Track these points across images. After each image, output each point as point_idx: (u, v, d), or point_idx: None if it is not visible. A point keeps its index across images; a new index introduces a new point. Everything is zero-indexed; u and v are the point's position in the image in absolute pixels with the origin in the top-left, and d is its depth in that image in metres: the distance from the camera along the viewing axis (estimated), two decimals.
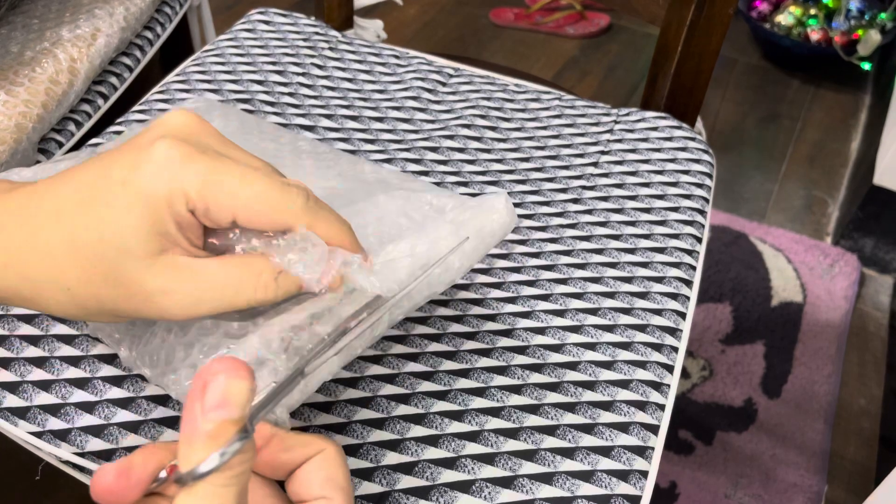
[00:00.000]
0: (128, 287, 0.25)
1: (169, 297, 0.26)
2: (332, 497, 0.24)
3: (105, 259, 0.25)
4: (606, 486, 0.36)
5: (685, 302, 0.46)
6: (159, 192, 0.25)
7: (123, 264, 0.25)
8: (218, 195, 0.25)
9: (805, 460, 0.91)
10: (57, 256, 0.25)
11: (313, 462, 0.25)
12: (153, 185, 0.25)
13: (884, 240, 1.15)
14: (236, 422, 0.20)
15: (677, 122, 0.59)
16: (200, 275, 0.26)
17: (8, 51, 0.63)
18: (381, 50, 0.65)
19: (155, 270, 0.25)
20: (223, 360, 0.20)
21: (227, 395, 0.20)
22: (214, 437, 0.20)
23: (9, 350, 0.40)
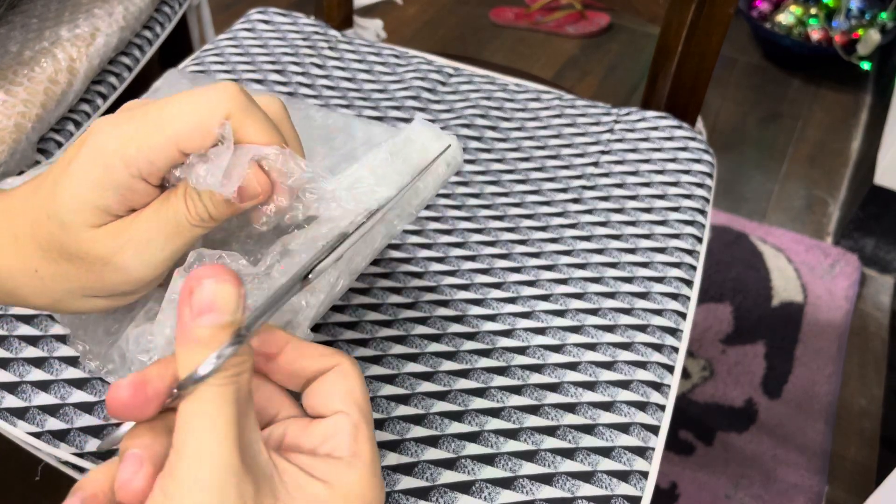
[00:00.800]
0: (84, 258, 0.26)
1: (122, 256, 0.26)
2: (351, 413, 0.24)
3: (55, 236, 0.26)
4: (607, 486, 0.36)
5: (686, 302, 0.46)
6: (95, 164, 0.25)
7: (72, 239, 0.26)
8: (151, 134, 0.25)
9: (806, 461, 0.91)
10: (21, 240, 0.27)
11: (331, 375, 0.25)
12: (89, 159, 0.25)
13: (884, 240, 1.15)
14: (228, 325, 0.20)
15: (678, 122, 0.59)
16: (136, 228, 0.26)
17: (7, 50, 0.63)
18: (380, 49, 0.65)
19: (99, 240, 0.26)
20: (207, 267, 0.20)
21: (215, 300, 0.20)
22: (207, 342, 0.20)
23: (8, 350, 0.40)
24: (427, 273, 0.46)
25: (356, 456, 0.24)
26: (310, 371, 0.25)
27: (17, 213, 0.27)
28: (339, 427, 0.24)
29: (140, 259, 0.26)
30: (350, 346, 0.41)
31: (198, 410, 0.20)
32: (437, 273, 0.46)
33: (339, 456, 0.23)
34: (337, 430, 0.24)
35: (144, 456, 0.22)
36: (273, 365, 0.25)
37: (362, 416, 0.24)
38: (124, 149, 0.25)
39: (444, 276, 0.46)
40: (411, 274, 0.46)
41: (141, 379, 0.22)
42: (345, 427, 0.24)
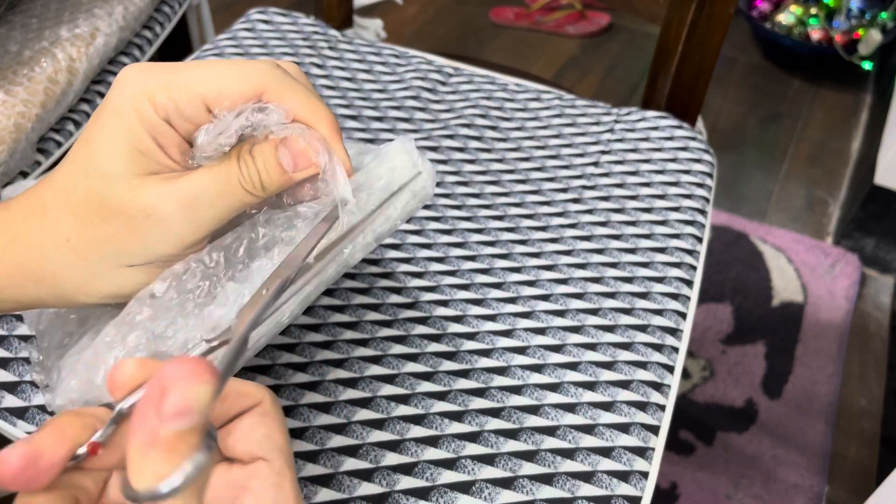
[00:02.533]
0: (123, 214, 0.25)
1: (166, 206, 0.25)
2: (273, 459, 0.23)
3: (94, 193, 0.25)
4: (607, 486, 0.36)
5: (686, 302, 0.46)
6: (126, 108, 0.25)
7: (112, 191, 0.25)
8: (181, 88, 0.25)
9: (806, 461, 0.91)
10: (51, 211, 0.26)
11: (251, 417, 0.23)
12: (119, 103, 0.25)
13: (885, 240, 1.15)
14: (198, 429, 0.17)
15: (678, 122, 0.59)
16: (189, 177, 0.26)
17: (7, 50, 0.63)
18: (380, 49, 0.65)
19: (143, 190, 0.25)
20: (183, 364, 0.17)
21: (189, 402, 0.17)
22: (175, 449, 0.17)
23: (7, 350, 0.40)
24: (427, 273, 0.46)
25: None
26: (229, 411, 0.23)
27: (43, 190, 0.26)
28: (262, 476, 0.22)
29: (184, 213, 0.25)
30: (350, 346, 0.41)
31: None
32: (437, 273, 0.46)
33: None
34: (259, 479, 0.22)
35: None
36: None
37: (285, 462, 0.23)
38: (154, 93, 0.25)
39: (444, 276, 0.46)
40: (411, 274, 0.46)
41: (33, 451, 0.19)
42: (268, 477, 0.22)
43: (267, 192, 0.27)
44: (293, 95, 0.26)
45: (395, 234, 0.48)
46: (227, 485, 0.23)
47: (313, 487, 0.35)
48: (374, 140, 0.55)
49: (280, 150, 0.26)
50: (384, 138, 0.55)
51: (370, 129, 0.56)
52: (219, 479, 0.23)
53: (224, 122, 0.26)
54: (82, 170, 0.25)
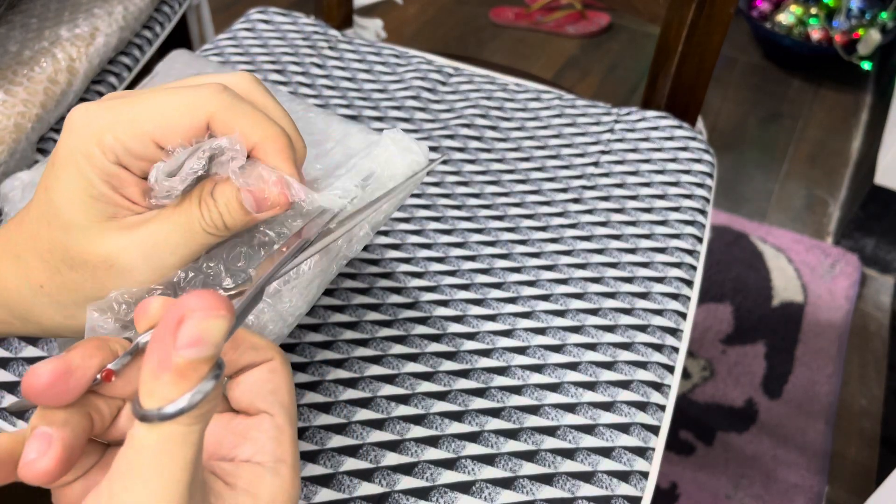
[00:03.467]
0: (86, 262, 0.25)
1: (127, 255, 0.25)
2: (275, 414, 0.23)
3: (57, 243, 0.25)
4: (607, 486, 0.36)
5: (686, 302, 0.46)
6: (76, 154, 0.24)
7: (73, 241, 0.25)
8: (126, 127, 0.24)
9: (806, 461, 0.91)
10: (23, 258, 0.26)
11: (260, 371, 0.24)
12: (70, 149, 0.24)
13: (885, 240, 1.15)
14: (208, 360, 0.18)
15: (678, 122, 0.59)
16: (150, 223, 0.25)
17: (6, 50, 0.63)
18: (380, 49, 0.65)
19: (103, 239, 0.25)
20: (201, 296, 0.18)
21: (203, 334, 0.18)
22: (185, 376, 0.18)
23: (7, 350, 0.39)
24: (427, 273, 0.46)
25: (280, 461, 0.23)
26: (240, 362, 0.24)
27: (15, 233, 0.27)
28: (263, 430, 0.23)
29: (146, 261, 0.25)
30: (350, 346, 0.41)
31: (157, 448, 0.18)
32: (437, 273, 0.46)
33: (261, 461, 0.23)
34: (260, 432, 0.23)
35: (55, 437, 0.20)
36: None
37: (287, 419, 0.23)
38: (101, 136, 0.24)
39: (444, 276, 0.46)
40: (411, 274, 0.46)
41: (64, 367, 0.20)
42: (269, 430, 0.23)
43: (231, 232, 0.27)
44: (242, 119, 0.25)
45: (396, 234, 0.48)
46: (229, 432, 0.23)
47: (313, 487, 0.35)
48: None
49: (242, 193, 0.26)
50: None
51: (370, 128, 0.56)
52: (222, 427, 0.23)
53: (175, 161, 0.25)
54: (45, 219, 0.25)
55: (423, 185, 0.52)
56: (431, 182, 0.52)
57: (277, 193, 0.26)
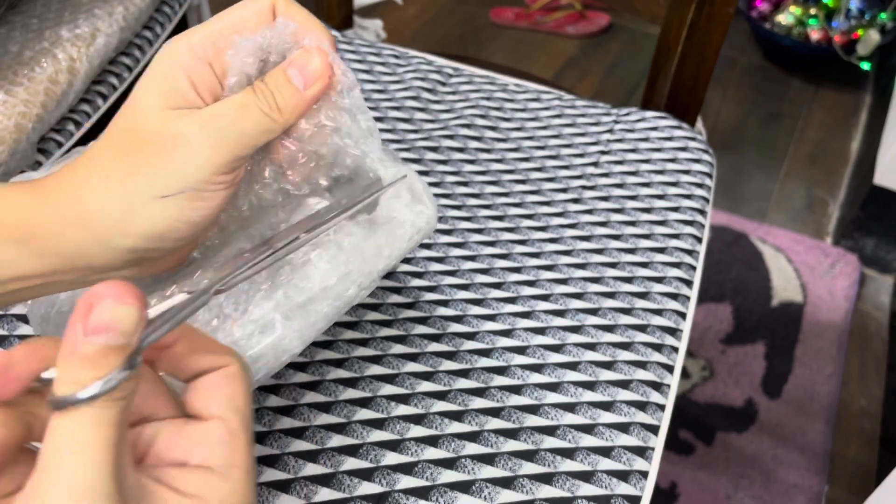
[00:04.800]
0: (153, 142, 0.27)
1: (191, 132, 0.27)
2: (228, 420, 0.23)
3: (130, 127, 0.28)
4: (606, 486, 0.36)
5: (685, 302, 0.46)
6: (164, 52, 0.28)
7: (144, 122, 0.27)
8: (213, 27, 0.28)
9: (806, 461, 0.91)
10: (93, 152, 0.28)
11: (216, 376, 0.24)
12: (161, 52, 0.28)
13: (884, 240, 1.15)
14: (121, 349, 0.19)
15: (677, 122, 0.59)
16: (212, 107, 0.28)
17: (7, 50, 0.63)
18: (380, 49, 0.65)
19: (171, 118, 0.27)
20: (111, 284, 0.19)
21: (113, 320, 0.19)
22: (95, 363, 0.18)
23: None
24: (427, 273, 0.46)
25: (232, 466, 0.22)
26: (197, 367, 0.24)
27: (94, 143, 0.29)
28: (215, 434, 0.23)
29: (207, 133, 0.27)
30: (350, 345, 0.41)
31: (73, 431, 0.18)
32: (438, 273, 0.46)
33: (212, 465, 0.22)
34: (211, 437, 0.23)
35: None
36: (162, 354, 0.24)
37: (241, 424, 0.23)
38: (189, 37, 0.28)
39: (444, 276, 0.46)
40: (411, 274, 0.46)
41: (5, 361, 0.20)
42: (221, 435, 0.23)
43: (284, 116, 0.29)
44: (298, 12, 0.30)
45: None
46: (182, 437, 0.23)
47: (313, 487, 0.35)
48: None
49: (289, 69, 0.29)
50: (385, 139, 0.55)
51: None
52: (174, 432, 0.23)
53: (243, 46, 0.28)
54: (121, 112, 0.28)
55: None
56: (431, 182, 0.52)
57: (321, 64, 0.29)
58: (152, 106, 0.27)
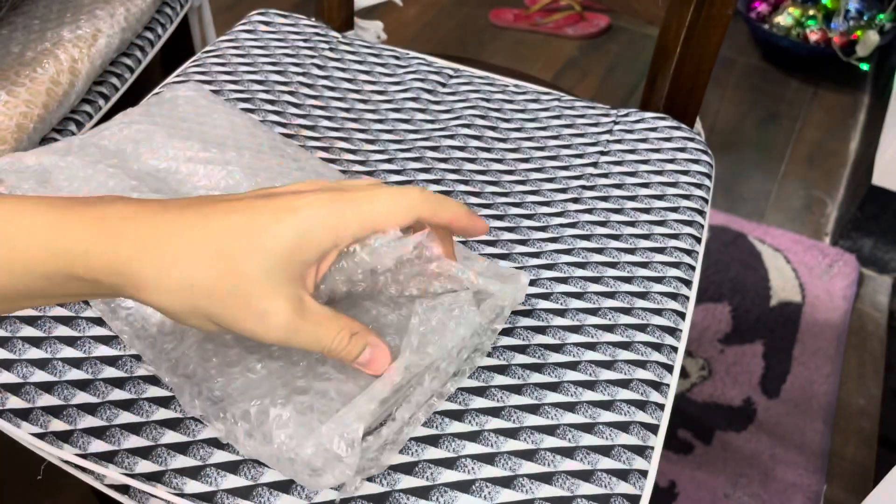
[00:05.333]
0: (248, 299, 0.29)
1: (278, 319, 0.29)
2: None
3: (243, 271, 0.29)
4: (606, 485, 0.36)
5: (684, 302, 0.46)
6: (314, 226, 0.29)
7: (261, 280, 0.29)
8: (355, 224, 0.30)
9: (804, 460, 0.91)
10: (194, 255, 0.28)
11: None
12: (308, 219, 0.29)
13: (882, 240, 1.16)
14: None
15: (676, 123, 0.59)
16: (308, 312, 0.30)
17: (9, 51, 0.63)
18: (381, 51, 0.65)
19: (281, 294, 0.29)
20: None
21: None
22: None
23: (11, 352, 0.40)
24: None
25: None
26: None
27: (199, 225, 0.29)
28: None
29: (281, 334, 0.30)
30: None
31: None
32: None
33: None
34: None
35: None
36: None
37: None
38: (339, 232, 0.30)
39: None
40: None
41: None
42: None
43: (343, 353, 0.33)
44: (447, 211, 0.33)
45: None
46: None
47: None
48: (375, 140, 0.55)
49: (367, 350, 0.33)
50: (384, 139, 0.56)
51: (370, 129, 0.57)
52: None
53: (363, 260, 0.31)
54: (246, 245, 0.29)
55: (424, 183, 0.52)
56: (431, 179, 0.52)
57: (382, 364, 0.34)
58: (274, 277, 0.29)
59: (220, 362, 0.35)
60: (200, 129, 0.50)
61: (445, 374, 0.37)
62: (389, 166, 0.53)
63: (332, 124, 0.56)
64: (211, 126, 0.50)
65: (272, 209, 0.29)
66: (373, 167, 0.53)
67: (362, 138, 0.56)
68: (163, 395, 0.38)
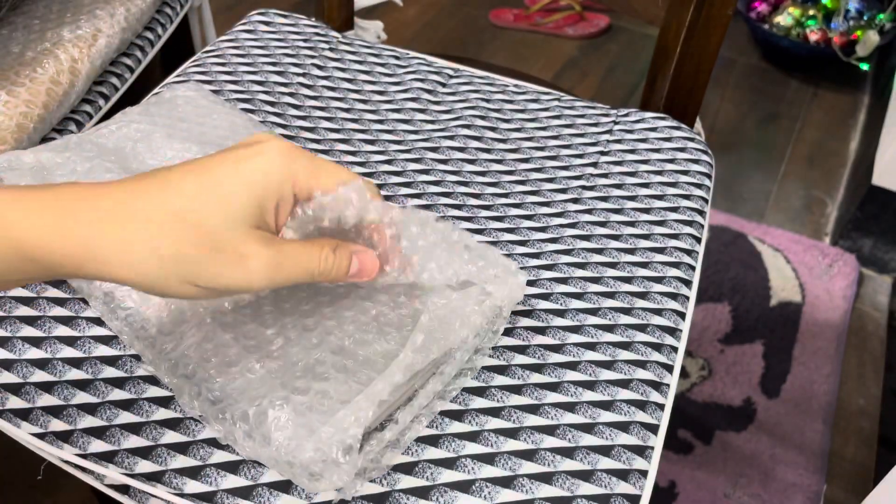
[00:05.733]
0: (221, 249, 0.29)
1: (258, 261, 0.30)
2: None
3: (207, 225, 0.29)
4: (606, 485, 0.36)
5: (684, 302, 0.46)
6: (273, 174, 0.30)
7: (227, 230, 0.29)
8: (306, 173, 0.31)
9: (804, 460, 0.91)
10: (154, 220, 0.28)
11: None
12: (268, 168, 0.30)
13: (882, 240, 1.16)
14: None
15: (676, 123, 0.59)
16: (283, 245, 0.31)
17: (9, 51, 0.63)
18: (381, 51, 0.65)
19: (251, 238, 0.30)
20: None
21: None
22: None
23: (11, 352, 0.40)
24: None
25: None
26: None
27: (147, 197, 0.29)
28: None
29: (266, 270, 0.30)
30: None
31: None
32: None
33: None
34: None
35: None
36: None
37: None
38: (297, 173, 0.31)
39: None
40: None
41: None
42: None
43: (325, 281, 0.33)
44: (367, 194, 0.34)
45: None
46: None
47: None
48: (375, 141, 0.55)
49: (353, 258, 0.33)
50: (384, 139, 0.56)
51: (370, 130, 0.57)
52: None
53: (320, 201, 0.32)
54: (206, 201, 0.29)
55: (424, 184, 0.52)
56: (431, 181, 0.52)
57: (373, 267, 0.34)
58: (240, 219, 0.29)
59: (219, 362, 0.35)
60: (200, 130, 0.50)
61: (447, 375, 0.37)
62: (389, 167, 0.53)
63: (332, 125, 0.56)
64: (210, 126, 0.50)
65: (228, 161, 0.30)
66: (373, 168, 0.53)
67: (362, 139, 0.56)
68: (163, 395, 0.38)
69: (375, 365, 0.35)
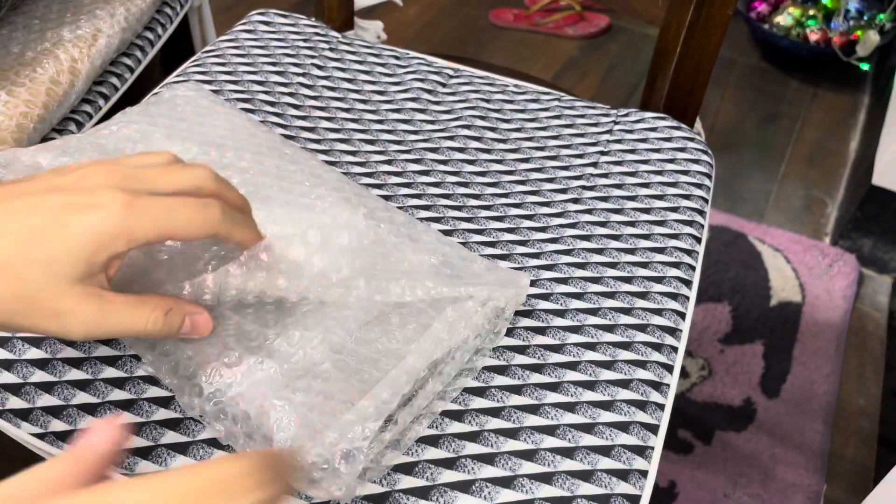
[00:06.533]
0: (37, 303, 0.29)
1: (75, 318, 0.29)
2: None
3: (29, 280, 0.28)
4: (606, 485, 0.36)
5: (685, 302, 0.46)
6: (105, 235, 0.29)
7: (46, 287, 0.28)
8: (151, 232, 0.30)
9: (804, 460, 0.91)
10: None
11: None
12: (100, 228, 0.29)
13: (882, 240, 1.16)
14: None
15: (676, 123, 0.59)
16: (108, 304, 0.30)
17: (9, 51, 0.63)
18: (381, 51, 0.65)
19: (72, 294, 0.29)
20: None
21: None
22: None
23: (11, 352, 0.40)
24: None
25: None
26: None
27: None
28: None
29: (81, 328, 0.30)
30: None
31: None
32: None
33: None
34: None
35: None
36: None
37: None
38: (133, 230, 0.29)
39: None
40: None
41: None
42: None
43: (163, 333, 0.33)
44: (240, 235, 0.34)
45: None
46: None
47: None
48: (374, 141, 0.55)
49: (186, 320, 0.33)
50: (384, 139, 0.56)
51: (370, 130, 0.57)
52: None
53: None
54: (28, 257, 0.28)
55: (424, 185, 0.52)
56: (431, 182, 0.52)
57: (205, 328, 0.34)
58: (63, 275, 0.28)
59: (220, 363, 0.35)
60: (200, 130, 0.50)
61: (448, 376, 0.37)
62: (389, 168, 0.53)
63: (332, 125, 0.56)
64: (210, 126, 0.50)
65: (62, 209, 0.29)
66: (373, 168, 0.53)
67: (362, 139, 0.56)
68: (163, 395, 0.38)
69: (378, 364, 0.35)
